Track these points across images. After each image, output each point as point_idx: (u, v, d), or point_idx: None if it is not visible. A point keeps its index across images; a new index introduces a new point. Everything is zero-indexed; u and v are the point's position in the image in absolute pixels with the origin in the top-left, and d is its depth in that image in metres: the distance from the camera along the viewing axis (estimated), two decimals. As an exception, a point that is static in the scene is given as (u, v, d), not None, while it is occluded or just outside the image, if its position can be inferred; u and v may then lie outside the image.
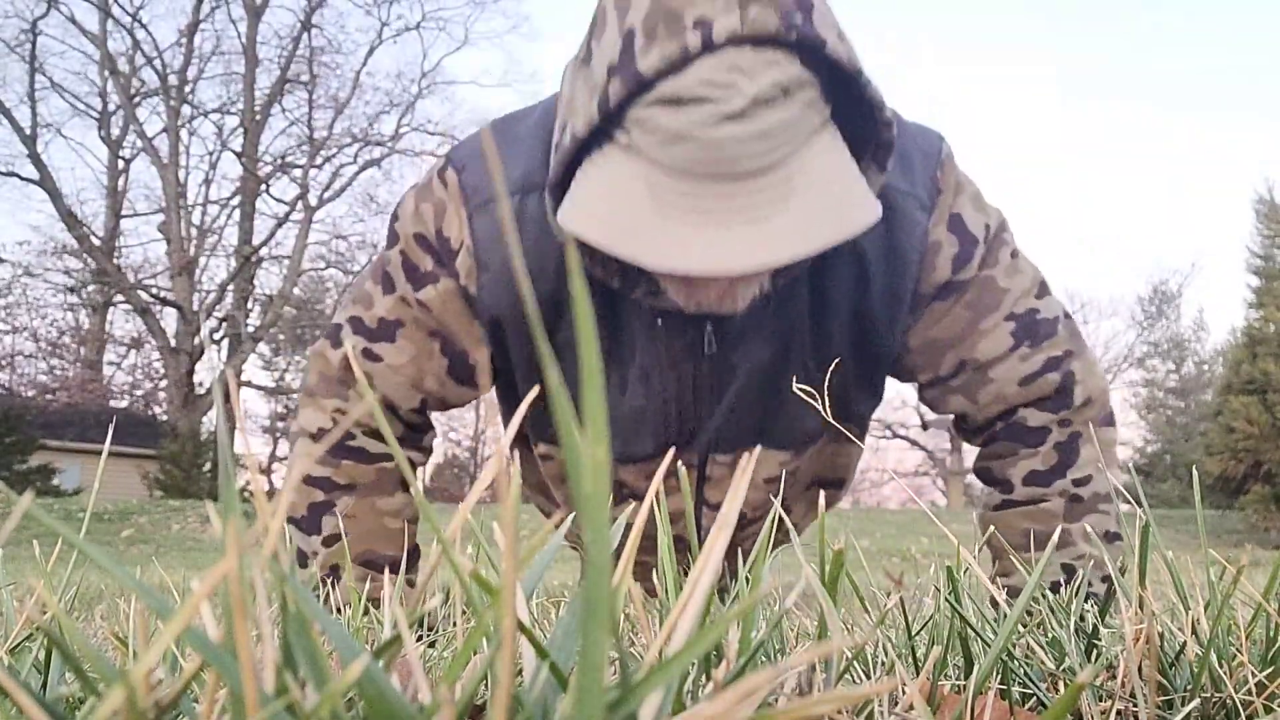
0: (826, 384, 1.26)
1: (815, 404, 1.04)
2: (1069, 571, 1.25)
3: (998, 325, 1.26)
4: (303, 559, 1.34)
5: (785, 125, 0.95)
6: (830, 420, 1.05)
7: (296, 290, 23.24)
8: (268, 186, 22.93)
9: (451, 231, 1.22)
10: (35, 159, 20.31)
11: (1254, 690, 0.51)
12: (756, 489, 1.41)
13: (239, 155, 22.22)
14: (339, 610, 1.07)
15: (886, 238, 1.18)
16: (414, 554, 1.42)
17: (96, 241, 21.43)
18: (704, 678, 0.43)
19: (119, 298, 21.98)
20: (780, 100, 0.94)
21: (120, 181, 22.72)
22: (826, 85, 0.98)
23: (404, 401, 1.34)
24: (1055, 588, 1.22)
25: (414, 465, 1.41)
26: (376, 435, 1.34)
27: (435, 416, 1.43)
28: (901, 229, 1.18)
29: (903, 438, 27.57)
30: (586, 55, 1.02)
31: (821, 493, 0.56)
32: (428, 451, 1.44)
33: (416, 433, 1.39)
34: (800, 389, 1.13)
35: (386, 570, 0.82)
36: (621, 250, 0.95)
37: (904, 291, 1.22)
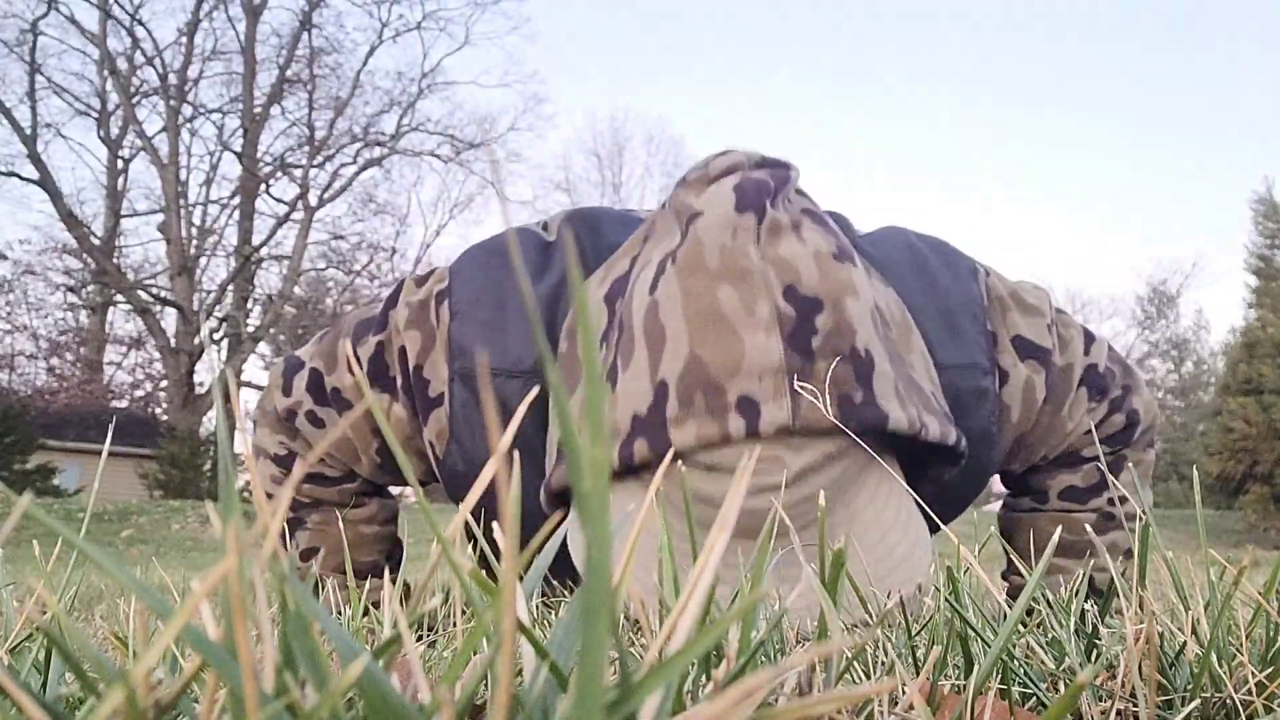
0: None
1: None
2: (1089, 581, 1.25)
3: (1073, 400, 1.25)
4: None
5: (831, 484, 0.89)
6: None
7: (296, 290, 23.22)
8: (268, 186, 22.93)
9: (432, 378, 1.17)
10: (35, 159, 20.30)
11: (1254, 690, 0.51)
12: None
13: (239, 155, 22.21)
14: (339, 610, 1.07)
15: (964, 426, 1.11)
16: (395, 554, 1.41)
17: (96, 241, 21.42)
18: (704, 678, 0.43)
19: (119, 298, 21.97)
20: (828, 465, 0.89)
21: (120, 181, 22.70)
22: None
23: (335, 463, 1.32)
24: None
25: (385, 500, 1.39)
26: (331, 467, 1.33)
27: None
28: (969, 411, 1.12)
29: (903, 438, 27.53)
30: (611, 369, 0.93)
31: (821, 494, 0.56)
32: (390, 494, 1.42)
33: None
34: (802, 386, 1.11)
35: (386, 572, 0.82)
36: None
37: (990, 463, 1.19)
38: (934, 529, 1.14)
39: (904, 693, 0.50)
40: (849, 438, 0.88)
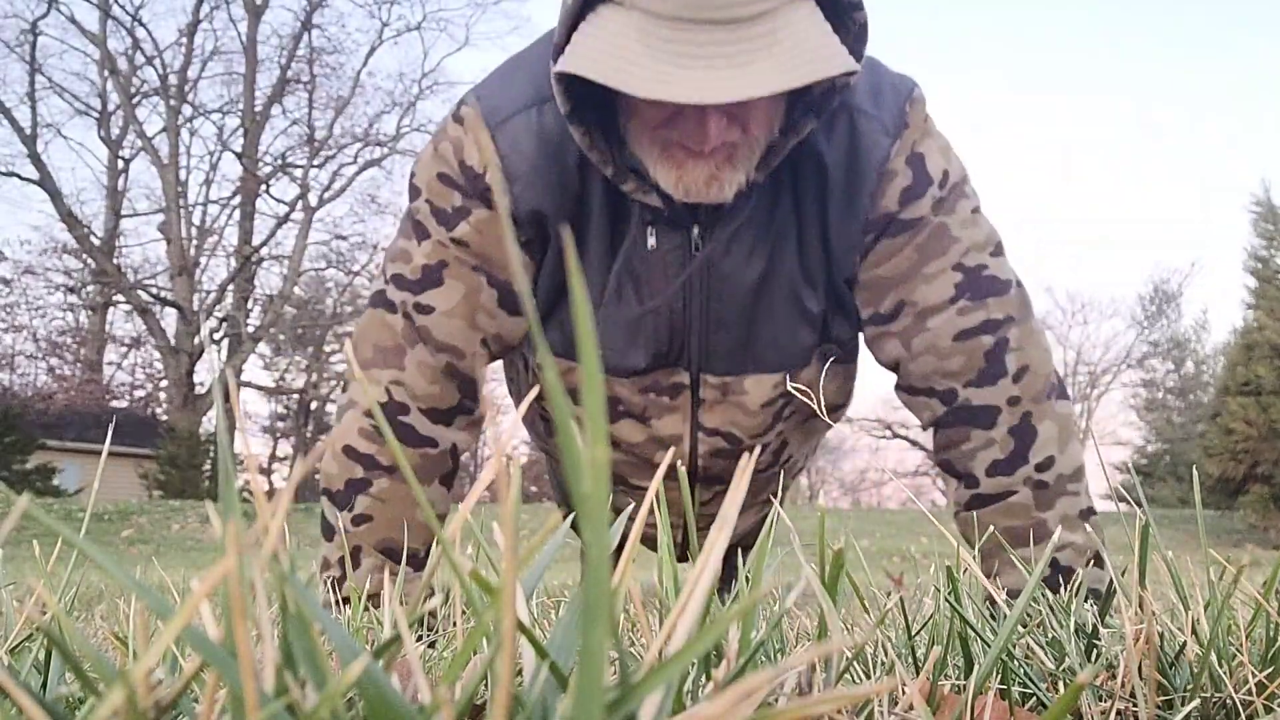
0: (806, 302, 1.29)
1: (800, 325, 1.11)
2: (1053, 565, 1.23)
3: (943, 272, 1.27)
4: (329, 532, 1.33)
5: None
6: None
7: (296, 290, 23.22)
8: (268, 186, 22.90)
9: (474, 159, 1.26)
10: (35, 159, 20.29)
11: (1254, 690, 0.51)
12: (751, 415, 1.40)
13: (239, 155, 22.20)
14: (339, 606, 1.07)
15: (848, 154, 1.22)
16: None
17: (96, 241, 21.41)
18: (704, 678, 0.43)
19: (119, 298, 21.96)
20: None
21: (120, 181, 22.69)
22: None
23: (466, 345, 1.32)
24: (1053, 587, 1.21)
25: (458, 450, 1.39)
26: (430, 415, 1.33)
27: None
28: (862, 147, 1.22)
29: (903, 438, 27.56)
30: None
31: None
32: (478, 424, 1.42)
33: (469, 401, 1.37)
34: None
35: (402, 565, 0.83)
36: (611, 80, 0.98)
37: (859, 209, 1.24)
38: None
39: (904, 693, 0.50)
40: None
